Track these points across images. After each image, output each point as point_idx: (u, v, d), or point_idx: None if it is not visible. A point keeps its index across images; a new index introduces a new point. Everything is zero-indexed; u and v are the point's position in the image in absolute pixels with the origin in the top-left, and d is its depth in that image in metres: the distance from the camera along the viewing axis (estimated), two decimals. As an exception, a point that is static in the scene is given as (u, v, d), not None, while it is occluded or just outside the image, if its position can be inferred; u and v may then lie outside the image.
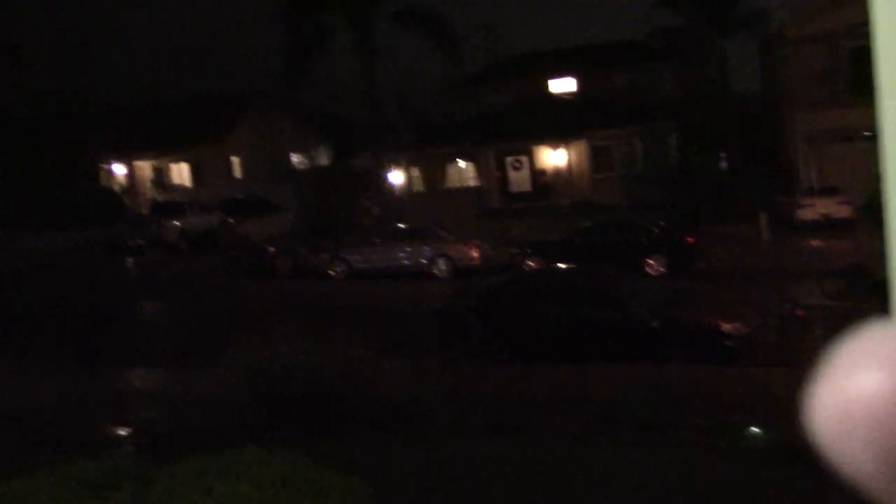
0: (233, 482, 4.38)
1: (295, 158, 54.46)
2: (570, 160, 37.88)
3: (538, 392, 12.70)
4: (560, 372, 13.82)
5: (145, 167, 48.41)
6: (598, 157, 38.00)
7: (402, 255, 26.01)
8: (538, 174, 39.41)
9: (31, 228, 37.48)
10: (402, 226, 28.57)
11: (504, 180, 39.87)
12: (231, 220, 36.64)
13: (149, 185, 48.12)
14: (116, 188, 46.72)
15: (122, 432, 12.21)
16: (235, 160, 48.67)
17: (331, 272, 26.27)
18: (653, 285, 19.12)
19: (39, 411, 13.69)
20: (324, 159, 56.21)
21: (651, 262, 22.78)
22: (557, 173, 38.47)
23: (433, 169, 39.83)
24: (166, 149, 47.03)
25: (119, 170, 47.28)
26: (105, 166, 46.33)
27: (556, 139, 37.65)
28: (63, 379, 15.57)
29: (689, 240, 23.56)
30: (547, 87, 43.22)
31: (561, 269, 18.59)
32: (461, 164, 39.90)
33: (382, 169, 36.61)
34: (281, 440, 6.41)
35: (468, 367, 13.69)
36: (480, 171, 38.99)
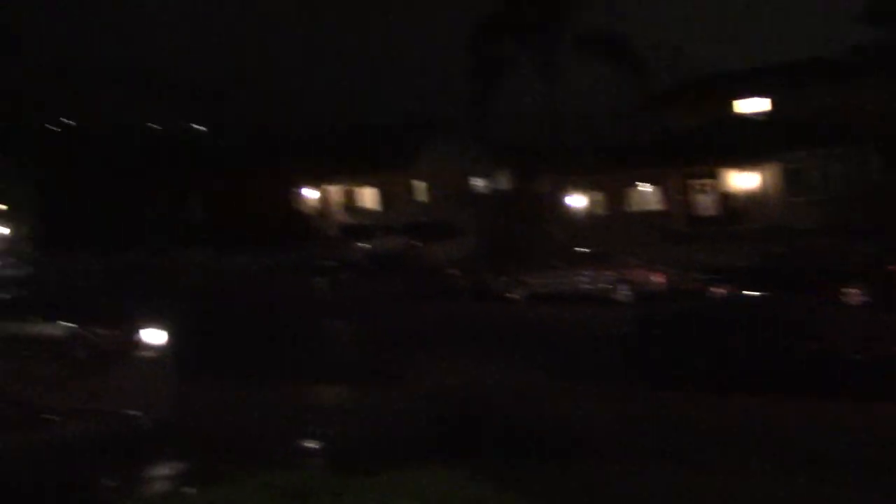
0: (416, 500, 4.48)
1: (477, 183, 55.29)
2: (760, 183, 36.25)
3: (724, 423, 12.19)
4: (746, 403, 13.21)
5: (336, 191, 50.59)
6: (791, 179, 36.16)
7: (582, 279, 25.78)
8: (726, 198, 37.97)
9: (234, 250, 40.05)
10: (582, 250, 28.31)
11: (689, 204, 38.68)
12: (416, 244, 37.62)
13: (339, 208, 50.24)
14: (308, 212, 49.08)
15: (313, 445, 12.74)
16: (420, 185, 50.00)
17: (511, 296, 26.39)
18: (853, 316, 17.95)
19: (240, 423, 14.54)
20: (505, 183, 56.73)
21: (850, 291, 21.39)
22: (747, 197, 36.91)
23: (615, 192, 39.24)
24: (356, 174, 49.00)
25: (311, 194, 49.63)
26: (298, 190, 48.78)
27: (745, 161, 36.17)
28: (261, 393, 16.47)
29: (893, 268, 21.92)
30: (736, 107, 41.66)
31: (751, 296, 17.78)
32: (644, 187, 39.07)
33: (563, 193, 36.43)
34: (462, 460, 6.50)
35: (650, 394, 13.34)
36: (664, 194, 38.02)
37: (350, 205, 50.59)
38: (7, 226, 52.53)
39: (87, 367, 16.43)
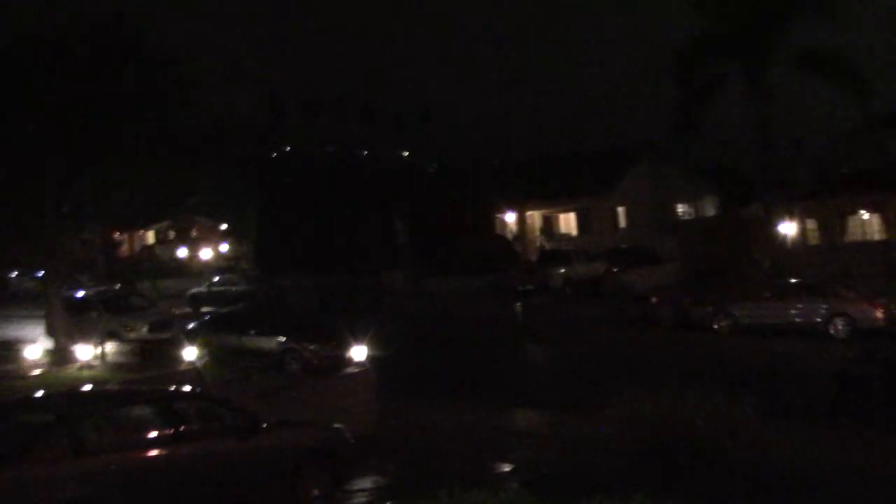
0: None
1: (681, 208, 53.85)
2: None
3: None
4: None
5: (536, 216, 50.88)
6: None
7: (794, 311, 24.45)
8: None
9: (444, 273, 41.15)
10: (795, 280, 26.83)
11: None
12: (615, 269, 37.11)
13: (538, 233, 50.48)
14: (509, 236, 49.64)
15: (508, 468, 12.83)
16: (621, 210, 49.34)
17: (715, 326, 25.44)
18: None
19: (440, 442, 14.90)
20: (711, 209, 54.87)
21: None
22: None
23: (832, 220, 36.95)
24: (555, 199, 49.11)
25: (511, 219, 50.20)
26: (500, 216, 49.47)
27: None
28: (460, 414, 16.80)
29: None
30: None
31: None
32: (865, 214, 36.54)
33: (774, 219, 34.73)
34: (664, 494, 6.35)
35: (868, 438, 12.43)
36: (887, 222, 35.37)
37: (550, 230, 50.72)
38: (230, 245, 56.75)
39: (299, 380, 17.44)
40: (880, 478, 11.01)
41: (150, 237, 68.71)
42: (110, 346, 23.95)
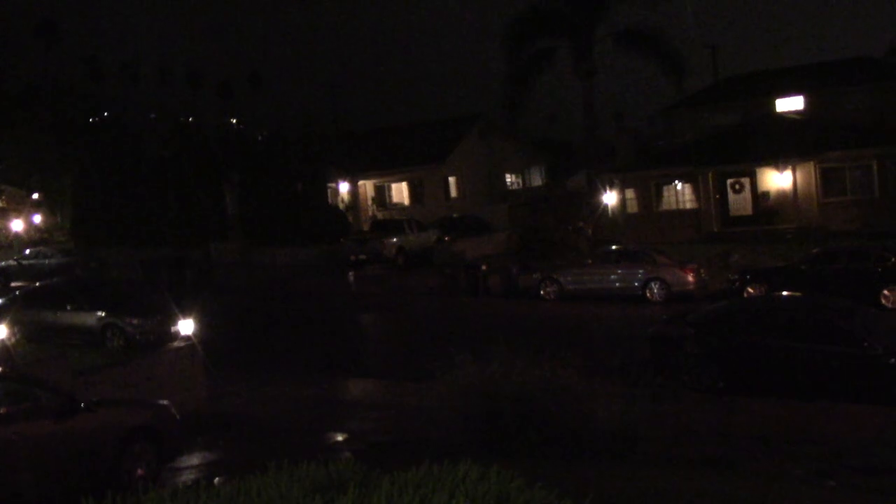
0: (449, 494, 4.49)
1: (510, 179, 55.24)
2: (796, 183, 35.81)
3: (756, 427, 12.07)
4: (781, 408, 13.07)
5: (368, 186, 50.80)
6: (828, 180, 35.67)
7: (614, 277, 25.63)
8: (761, 197, 37.57)
9: (276, 244, 40.42)
10: (615, 248, 28.15)
11: (724, 203, 38.33)
12: (447, 239, 37.64)
13: (371, 203, 50.44)
14: (342, 206, 49.34)
15: (341, 438, 12.82)
16: (452, 180, 50.04)
17: (542, 293, 26.33)
18: (891, 319, 17.67)
19: (271, 415, 14.67)
20: (539, 180, 56.64)
21: (888, 293, 21.08)
22: (782, 197, 36.50)
23: (649, 191, 38.96)
24: (388, 169, 49.18)
25: (344, 188, 49.89)
26: (332, 185, 49.04)
27: (782, 161, 35.76)
28: (291, 387, 16.59)
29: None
30: (774, 107, 41.23)
31: (786, 297, 17.54)
32: (679, 185, 38.76)
33: (597, 190, 36.25)
34: (494, 457, 6.49)
35: (681, 395, 13.24)
36: (699, 193, 37.70)
37: (384, 200, 50.77)
38: (43, 215, 53.31)
39: (122, 357, 16.67)
40: (690, 430, 11.76)
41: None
42: None
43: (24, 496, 8.64)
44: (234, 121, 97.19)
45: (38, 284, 24.23)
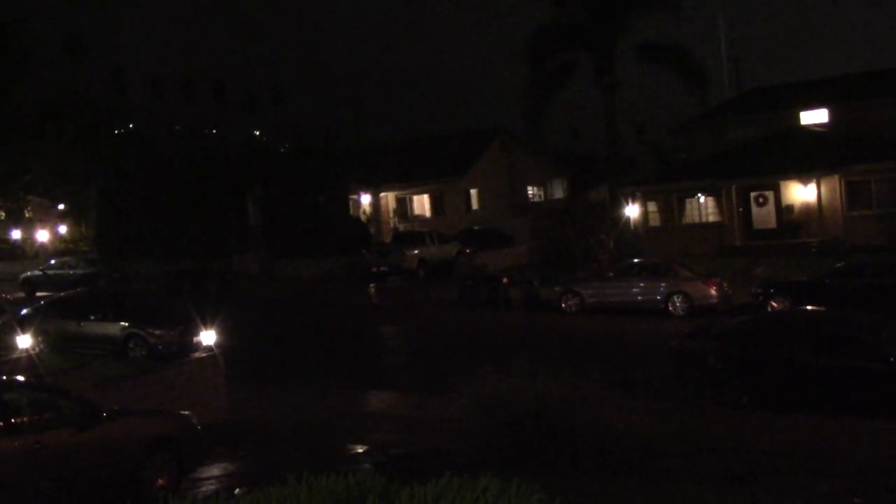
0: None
1: (532, 191, 55.19)
2: (821, 196, 35.49)
3: (780, 443, 11.92)
4: (806, 423, 12.91)
5: (390, 198, 50.89)
6: (853, 193, 35.32)
7: (636, 290, 25.49)
8: (785, 210, 37.26)
9: (298, 256, 40.45)
10: (637, 261, 27.99)
11: (747, 216, 38.04)
12: (468, 251, 37.62)
13: (392, 215, 50.52)
14: (363, 218, 49.46)
15: (361, 450, 12.80)
16: (474, 192, 50.05)
17: (563, 305, 26.22)
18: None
19: (293, 427, 14.68)
20: (560, 192, 56.54)
21: None
22: (806, 210, 36.18)
23: (671, 204, 38.75)
24: (409, 181, 49.27)
25: (365, 200, 50.01)
26: (354, 197, 49.17)
27: (805, 174, 35.47)
28: (312, 398, 16.61)
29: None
30: (798, 119, 40.93)
31: (811, 312, 17.35)
32: (702, 199, 38.53)
33: (619, 202, 36.11)
34: (515, 471, 6.45)
35: (704, 410, 13.11)
36: (722, 206, 37.46)
37: (405, 212, 50.86)
38: (69, 226, 53.86)
39: (144, 367, 16.76)
40: (713, 445, 11.63)
41: (-23, 218, 64.21)
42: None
43: (45, 505, 8.68)
44: (257, 133, 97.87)
45: (62, 295, 24.43)
